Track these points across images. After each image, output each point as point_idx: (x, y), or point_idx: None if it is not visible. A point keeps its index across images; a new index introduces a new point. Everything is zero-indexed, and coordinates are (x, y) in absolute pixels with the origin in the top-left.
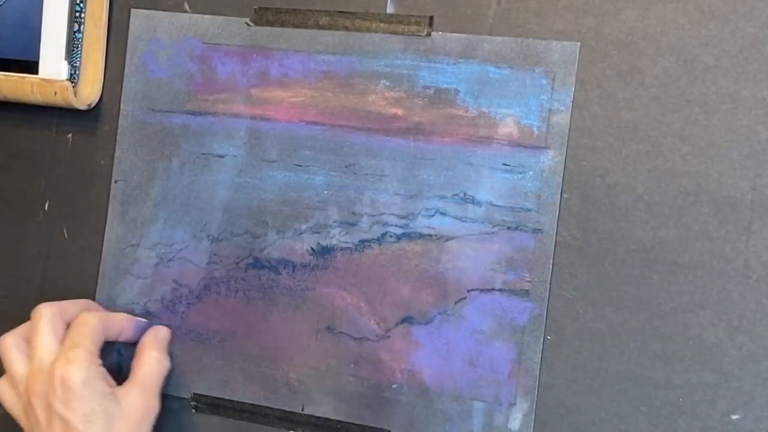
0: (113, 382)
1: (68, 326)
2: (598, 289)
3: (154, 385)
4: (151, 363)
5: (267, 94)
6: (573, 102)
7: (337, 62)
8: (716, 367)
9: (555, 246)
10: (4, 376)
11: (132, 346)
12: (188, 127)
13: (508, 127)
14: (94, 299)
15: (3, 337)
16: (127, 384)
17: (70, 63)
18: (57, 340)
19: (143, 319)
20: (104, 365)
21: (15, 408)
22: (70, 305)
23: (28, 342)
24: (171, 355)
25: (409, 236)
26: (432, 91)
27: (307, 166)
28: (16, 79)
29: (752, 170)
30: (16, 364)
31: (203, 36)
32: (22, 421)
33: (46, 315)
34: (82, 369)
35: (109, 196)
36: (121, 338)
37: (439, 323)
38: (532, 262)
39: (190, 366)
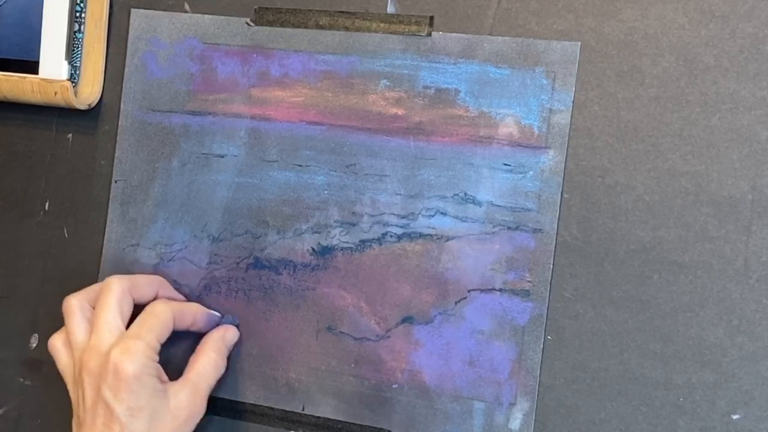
0: (166, 378)
1: (137, 303)
2: (598, 289)
3: (205, 387)
4: (207, 364)
5: (267, 94)
6: (573, 102)
7: (338, 62)
8: (716, 367)
9: (555, 246)
10: (61, 332)
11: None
12: (188, 127)
13: (508, 127)
14: None
15: (69, 297)
16: (179, 381)
17: (70, 63)
18: (122, 319)
19: (216, 313)
20: (162, 353)
21: (66, 371)
22: (143, 282)
23: (94, 309)
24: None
25: (410, 236)
26: (432, 91)
27: (308, 166)
28: (16, 79)
29: (752, 170)
30: (78, 329)
31: (203, 36)
32: (70, 386)
33: (116, 291)
34: (137, 362)
35: (109, 196)
36: (192, 329)
37: (439, 323)
38: (532, 262)
39: None
